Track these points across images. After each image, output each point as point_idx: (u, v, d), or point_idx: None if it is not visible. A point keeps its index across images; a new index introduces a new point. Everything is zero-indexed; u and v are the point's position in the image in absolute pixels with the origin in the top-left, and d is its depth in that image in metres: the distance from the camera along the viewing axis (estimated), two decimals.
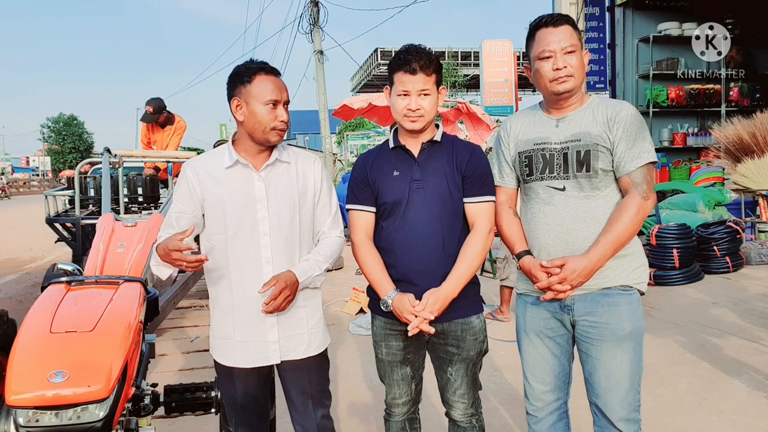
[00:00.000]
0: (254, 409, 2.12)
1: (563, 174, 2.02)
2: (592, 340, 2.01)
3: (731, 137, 5.24)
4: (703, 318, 5.04)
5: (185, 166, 2.08)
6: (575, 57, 1.98)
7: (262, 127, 1.96)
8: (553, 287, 1.97)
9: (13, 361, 1.73)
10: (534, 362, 2.15)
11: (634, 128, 1.97)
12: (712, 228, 6.81)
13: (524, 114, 2.19)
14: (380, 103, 8.14)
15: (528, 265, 2.05)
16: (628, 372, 1.99)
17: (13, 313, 2.50)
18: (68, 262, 2.42)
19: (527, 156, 2.09)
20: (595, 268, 1.95)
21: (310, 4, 16.03)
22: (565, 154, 2.01)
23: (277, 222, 2.01)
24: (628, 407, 1.99)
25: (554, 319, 2.08)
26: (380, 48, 33.30)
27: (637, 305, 2.02)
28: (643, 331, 2.04)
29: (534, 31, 2.04)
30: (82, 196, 5.75)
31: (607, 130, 1.98)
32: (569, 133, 2.02)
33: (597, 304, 2.00)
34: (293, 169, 2.07)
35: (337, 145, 23.44)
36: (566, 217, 2.01)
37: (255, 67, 1.97)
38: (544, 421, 2.16)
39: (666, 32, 10.47)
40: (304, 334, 2.07)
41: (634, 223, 1.95)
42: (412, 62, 2.01)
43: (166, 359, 4.48)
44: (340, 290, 6.42)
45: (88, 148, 44.06)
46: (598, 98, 2.09)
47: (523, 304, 2.18)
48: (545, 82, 2.01)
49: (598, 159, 1.97)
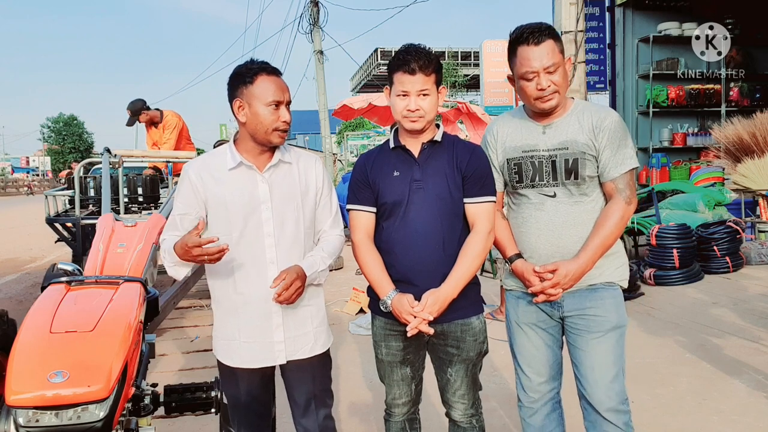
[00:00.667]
0: (257, 409, 2.12)
1: (552, 181, 2.09)
2: (580, 332, 2.10)
3: (731, 137, 5.23)
4: (703, 318, 5.04)
5: (186, 167, 2.07)
6: (558, 74, 2.01)
7: (265, 128, 1.95)
8: (547, 291, 2.04)
9: (13, 361, 1.73)
10: (529, 353, 2.21)
11: (618, 135, 2.05)
12: (712, 228, 6.81)
13: (510, 118, 2.22)
14: (380, 103, 8.15)
15: (521, 268, 2.11)
16: (613, 361, 2.08)
17: (13, 313, 2.50)
18: (68, 262, 2.42)
19: (516, 163, 2.13)
20: (585, 271, 2.04)
21: (310, 4, 16.03)
22: (554, 161, 2.07)
23: (281, 223, 2.02)
24: (615, 398, 2.06)
25: (544, 312, 2.17)
26: (380, 48, 33.31)
27: (620, 300, 2.13)
28: (626, 324, 2.13)
29: (515, 45, 2.04)
30: (82, 196, 5.75)
31: (593, 138, 2.05)
32: (556, 141, 2.08)
33: (585, 299, 2.09)
34: (295, 170, 2.07)
35: (337, 145, 23.44)
36: (557, 222, 2.08)
37: (256, 68, 1.97)
38: (540, 412, 2.21)
39: (666, 32, 10.47)
40: (310, 333, 2.08)
41: (618, 227, 2.04)
42: (411, 62, 2.00)
43: (166, 359, 4.48)
44: (340, 290, 6.42)
45: (88, 148, 44.06)
46: (582, 104, 2.14)
47: (513, 298, 2.25)
48: (530, 100, 2.06)
49: (585, 167, 2.05)
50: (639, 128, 10.52)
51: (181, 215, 2.02)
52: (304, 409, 2.10)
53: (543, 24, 2.04)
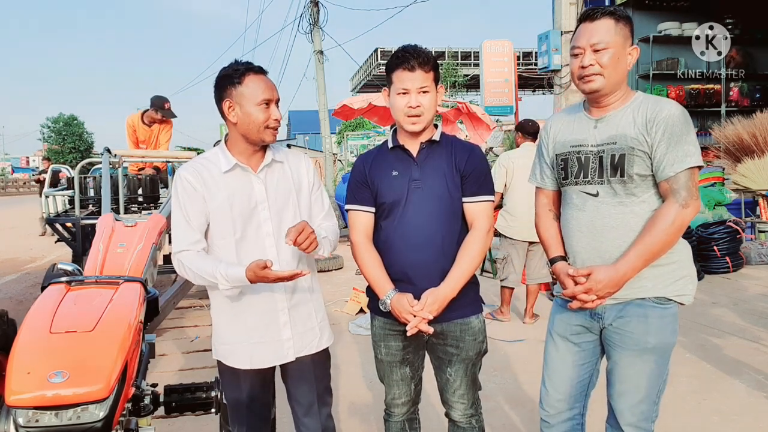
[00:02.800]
0: (258, 410, 2.13)
1: (598, 178, 1.93)
2: (614, 345, 1.96)
3: (731, 137, 5.25)
4: (703, 318, 5.03)
5: (181, 172, 2.01)
6: (607, 54, 1.85)
7: (257, 127, 1.96)
8: (579, 297, 1.89)
9: (13, 361, 1.73)
10: (553, 366, 2.09)
11: (677, 129, 1.83)
12: (712, 228, 6.81)
13: (566, 113, 2.10)
14: (380, 103, 8.15)
15: (558, 270, 2.00)
16: (645, 383, 1.93)
17: (13, 313, 2.50)
18: (68, 262, 2.42)
19: (563, 159, 2.01)
20: (624, 280, 1.85)
21: (310, 4, 16.03)
22: (601, 157, 1.92)
23: (279, 222, 2.02)
24: (639, 415, 1.95)
25: (582, 325, 2.03)
26: (380, 48, 33.27)
27: (670, 320, 1.92)
28: (672, 346, 1.95)
29: (578, 24, 1.94)
30: (81, 196, 5.75)
31: (645, 133, 1.85)
32: (606, 135, 1.92)
33: (626, 313, 1.92)
34: (287, 168, 2.10)
35: (337, 145, 23.42)
36: (597, 225, 1.93)
37: (243, 68, 1.96)
38: (555, 428, 2.10)
39: (666, 32, 10.48)
40: (315, 328, 2.12)
41: (669, 233, 1.82)
42: (411, 60, 2.01)
43: (166, 359, 4.48)
44: (340, 290, 6.42)
45: (88, 148, 43.99)
46: (643, 96, 1.96)
47: (556, 305, 2.13)
48: (575, 80, 1.95)
49: (633, 163, 1.86)
50: None
51: (190, 216, 1.97)
52: (307, 408, 2.11)
53: (614, 6, 1.93)
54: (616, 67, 1.88)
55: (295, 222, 2.02)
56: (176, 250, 1.99)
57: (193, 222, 1.98)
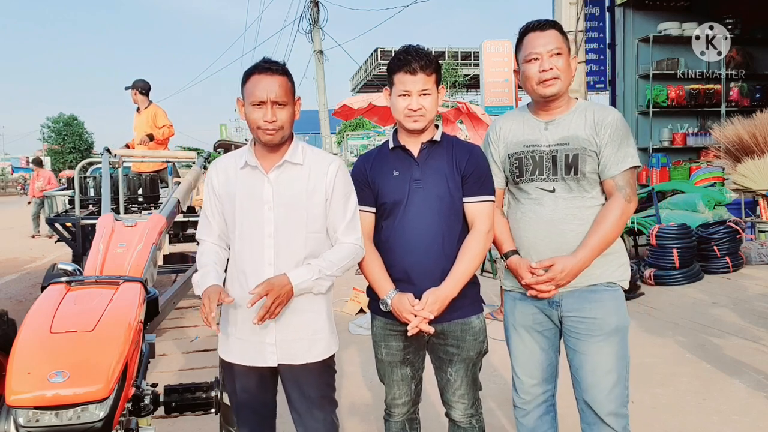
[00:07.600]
0: (256, 408, 2.12)
1: (552, 176, 2.08)
2: (580, 335, 2.07)
3: (731, 137, 5.23)
4: (703, 318, 5.04)
5: (212, 165, 2.17)
6: (561, 59, 2.02)
7: (252, 127, 1.99)
8: (538, 287, 2.04)
9: (13, 361, 1.72)
10: (523, 356, 2.20)
11: (620, 133, 2.04)
12: (712, 228, 6.81)
13: (513, 115, 2.24)
14: (380, 103, 8.14)
15: (515, 264, 2.10)
16: (615, 365, 2.04)
17: (13, 313, 2.51)
18: (68, 262, 2.42)
19: (517, 158, 2.13)
20: (582, 268, 2.02)
21: (310, 4, 16.04)
22: (554, 156, 2.07)
23: (282, 224, 2.00)
24: (615, 401, 2.04)
25: (542, 314, 2.14)
26: (380, 48, 33.30)
27: (621, 301, 2.10)
28: (627, 325, 2.11)
29: (522, 36, 2.09)
30: (81, 196, 5.75)
31: (594, 135, 2.04)
32: (558, 137, 2.07)
33: (584, 300, 2.06)
34: (305, 172, 2.02)
35: (337, 145, 23.44)
36: (556, 218, 2.07)
37: (254, 67, 2.00)
38: (532, 413, 2.21)
39: (666, 32, 10.46)
40: (305, 340, 2.03)
41: (618, 225, 2.02)
42: (412, 62, 2.01)
43: (166, 359, 4.48)
44: (340, 290, 6.41)
45: (88, 148, 43.97)
46: (585, 103, 2.14)
47: (511, 300, 2.23)
48: (532, 84, 2.07)
49: (586, 162, 2.04)
50: (639, 128, 10.51)
51: (209, 212, 2.13)
52: (304, 412, 2.08)
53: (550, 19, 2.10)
54: (568, 72, 2.05)
55: (298, 230, 2.01)
56: (197, 236, 2.20)
57: (209, 215, 2.13)
